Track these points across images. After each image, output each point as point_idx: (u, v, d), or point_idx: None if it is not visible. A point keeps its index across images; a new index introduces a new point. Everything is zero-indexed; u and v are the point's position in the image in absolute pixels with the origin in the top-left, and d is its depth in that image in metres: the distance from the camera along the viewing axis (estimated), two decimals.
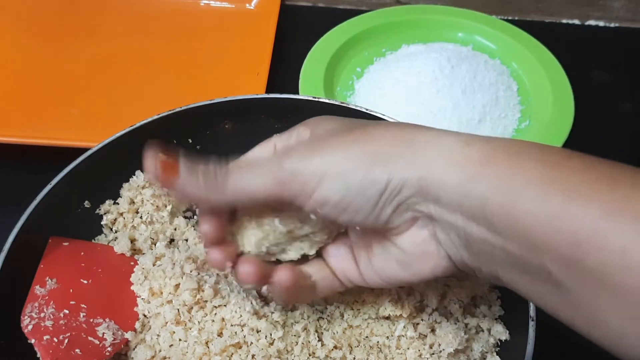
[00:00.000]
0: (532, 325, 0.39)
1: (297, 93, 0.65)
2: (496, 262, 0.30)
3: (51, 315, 0.39)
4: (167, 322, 0.41)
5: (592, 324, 0.27)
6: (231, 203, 0.35)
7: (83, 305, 0.41)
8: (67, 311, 0.40)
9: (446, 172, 0.29)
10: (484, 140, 0.30)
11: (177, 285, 0.42)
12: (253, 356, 0.40)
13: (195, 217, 0.53)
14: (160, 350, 0.41)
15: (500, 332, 0.43)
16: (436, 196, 0.30)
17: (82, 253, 0.45)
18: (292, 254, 0.38)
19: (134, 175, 0.50)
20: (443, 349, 0.41)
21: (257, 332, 0.40)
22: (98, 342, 0.40)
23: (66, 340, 0.38)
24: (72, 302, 0.41)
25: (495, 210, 0.28)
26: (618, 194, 0.25)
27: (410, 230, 0.33)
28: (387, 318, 0.42)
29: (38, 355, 0.37)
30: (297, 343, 0.41)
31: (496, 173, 0.28)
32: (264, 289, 0.45)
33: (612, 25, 0.81)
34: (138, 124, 0.49)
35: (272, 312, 0.41)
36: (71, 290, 0.42)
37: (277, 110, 0.52)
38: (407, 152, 0.30)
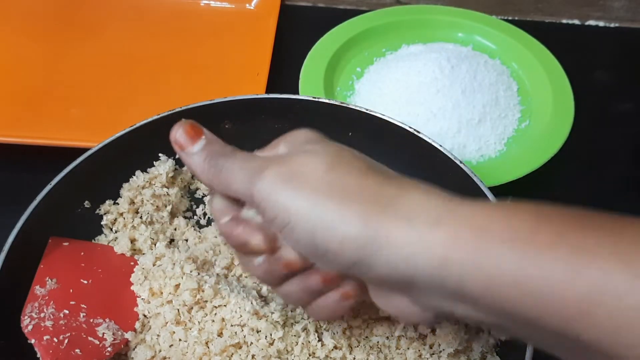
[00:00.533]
0: None
1: (297, 93, 0.65)
2: (492, 328, 0.30)
3: (51, 315, 0.39)
4: (167, 322, 0.42)
5: None
6: (214, 189, 0.35)
7: (83, 306, 0.41)
8: (67, 311, 0.40)
9: (418, 256, 0.28)
10: (450, 214, 0.29)
11: (177, 286, 0.42)
12: (253, 356, 0.40)
13: (195, 217, 0.53)
14: (160, 351, 0.41)
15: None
16: (409, 280, 0.29)
17: (82, 253, 0.45)
18: None
19: (134, 175, 0.50)
20: (443, 349, 0.41)
21: (257, 332, 0.40)
22: (98, 342, 0.40)
23: (66, 341, 0.38)
24: (72, 302, 0.41)
25: (476, 292, 0.27)
26: (598, 270, 0.24)
27: (390, 293, 0.32)
28: (387, 318, 0.42)
29: (38, 355, 0.38)
30: (297, 343, 0.41)
31: (469, 256, 0.27)
32: (265, 288, 0.45)
33: (612, 25, 0.81)
34: (138, 124, 0.49)
35: (272, 313, 0.41)
36: (71, 291, 0.42)
37: (277, 110, 0.52)
38: (379, 231, 0.29)
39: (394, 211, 0.29)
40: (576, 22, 0.81)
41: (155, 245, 0.48)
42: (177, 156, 0.52)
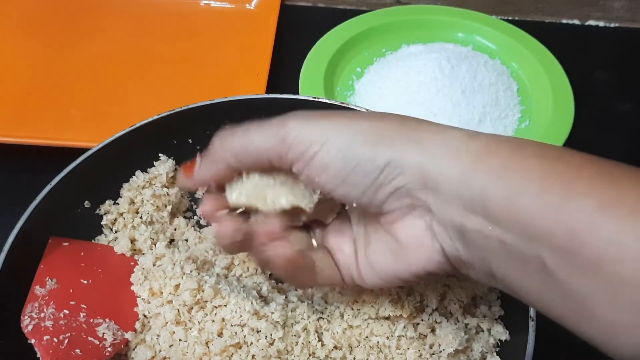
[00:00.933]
0: (532, 325, 0.39)
1: (297, 93, 0.65)
2: (491, 255, 0.30)
3: (51, 315, 0.39)
4: (167, 322, 0.41)
5: (584, 318, 0.27)
6: (237, 162, 0.35)
7: (83, 306, 0.41)
8: (67, 311, 0.40)
9: (447, 161, 0.30)
10: (488, 135, 0.30)
11: (177, 286, 0.42)
12: (253, 356, 0.40)
13: (195, 217, 0.53)
14: (160, 351, 0.41)
15: (500, 332, 0.43)
16: (435, 184, 0.30)
17: (82, 253, 0.45)
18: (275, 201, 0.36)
19: (134, 175, 0.50)
20: (443, 349, 0.41)
21: (257, 332, 0.40)
22: (98, 342, 0.40)
23: (66, 341, 0.38)
24: (72, 302, 0.41)
25: (495, 201, 0.28)
26: (615, 189, 0.26)
27: (405, 218, 0.33)
28: (387, 318, 0.42)
29: (38, 355, 0.37)
30: (297, 343, 0.41)
31: (497, 165, 0.29)
32: (265, 288, 0.45)
33: (612, 25, 0.81)
34: (138, 124, 0.50)
35: (272, 312, 0.41)
36: (71, 291, 0.42)
37: (277, 111, 0.51)
38: (412, 138, 0.31)
39: (427, 125, 0.32)
40: (576, 22, 0.81)
41: (155, 245, 0.48)
42: (177, 156, 0.52)
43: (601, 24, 0.81)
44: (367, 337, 0.42)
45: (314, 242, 0.39)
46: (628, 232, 0.25)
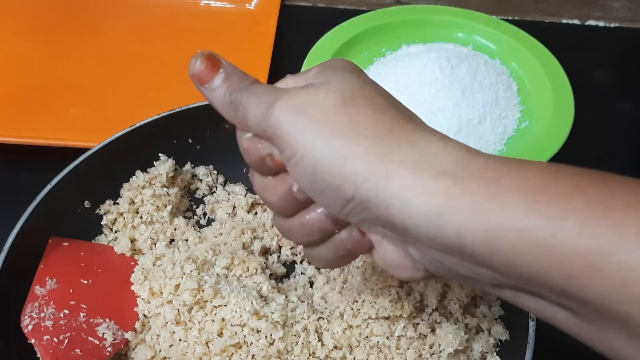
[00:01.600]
0: (532, 325, 0.39)
1: None
2: (486, 284, 0.29)
3: (51, 315, 0.39)
4: (167, 322, 0.42)
5: (598, 344, 0.26)
6: (235, 123, 0.34)
7: (83, 306, 0.41)
8: (67, 311, 0.40)
9: (416, 204, 0.27)
10: (462, 166, 0.27)
11: (177, 286, 0.42)
12: (253, 356, 0.40)
13: (195, 217, 0.53)
14: (160, 351, 0.41)
15: (500, 332, 0.43)
16: (403, 226, 0.28)
17: (82, 253, 0.45)
18: None
19: (134, 175, 0.50)
20: (443, 349, 0.41)
21: (257, 332, 0.40)
22: (98, 342, 0.40)
23: (66, 341, 0.38)
24: (72, 302, 0.41)
25: (474, 245, 0.26)
26: (612, 221, 0.23)
27: (382, 242, 0.31)
28: (387, 318, 0.42)
29: (38, 355, 0.38)
30: (297, 343, 0.41)
31: (472, 205, 0.26)
32: (265, 288, 0.45)
33: (612, 25, 0.80)
34: (138, 124, 0.50)
35: (272, 312, 0.41)
36: (71, 291, 0.42)
37: None
38: (380, 173, 0.28)
39: (402, 152, 0.28)
40: (576, 22, 0.81)
41: (155, 245, 0.48)
42: (177, 156, 0.52)
43: (601, 24, 0.81)
44: (367, 337, 0.42)
45: None
46: (633, 271, 0.22)
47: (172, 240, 0.50)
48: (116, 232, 0.49)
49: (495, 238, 0.25)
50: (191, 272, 0.43)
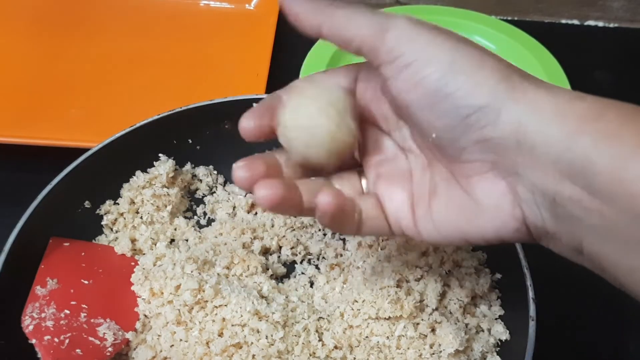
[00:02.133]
0: (532, 325, 0.39)
1: None
2: (586, 229, 0.27)
3: (52, 315, 0.39)
4: (167, 323, 0.42)
5: None
6: (321, 31, 0.32)
7: (84, 306, 0.41)
8: (67, 311, 0.40)
9: (551, 120, 0.27)
10: (596, 97, 0.27)
11: (178, 286, 0.42)
12: (253, 356, 0.40)
13: (195, 217, 0.53)
14: (161, 351, 0.41)
15: (501, 332, 0.43)
16: (532, 144, 0.27)
17: (83, 253, 0.45)
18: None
19: (134, 175, 0.50)
20: (443, 349, 0.41)
21: (258, 332, 0.40)
22: (99, 343, 0.40)
23: (67, 341, 0.38)
24: (72, 303, 0.41)
25: (601, 170, 0.25)
26: None
27: (486, 174, 0.30)
28: (387, 318, 0.42)
29: (39, 355, 0.38)
30: (297, 343, 0.41)
31: (607, 130, 0.25)
32: (265, 288, 0.45)
33: (612, 25, 0.81)
34: (138, 124, 0.50)
35: (273, 313, 0.41)
36: (72, 291, 0.42)
37: None
38: (518, 88, 0.28)
39: (534, 79, 0.28)
40: (576, 22, 0.81)
41: (155, 245, 0.48)
42: (177, 156, 0.52)
43: (600, 24, 0.81)
44: (367, 337, 0.42)
45: (364, 187, 0.36)
46: None
47: (172, 241, 0.50)
48: (116, 232, 0.49)
49: (623, 165, 0.25)
50: (192, 272, 0.43)
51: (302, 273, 0.49)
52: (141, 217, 0.49)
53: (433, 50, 0.29)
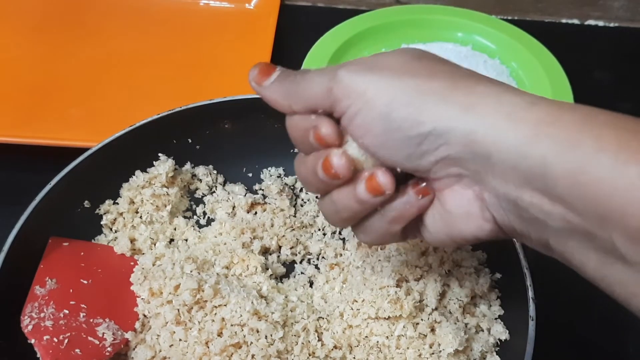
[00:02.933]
0: (532, 325, 0.39)
1: None
2: (550, 231, 0.28)
3: (51, 315, 0.39)
4: (167, 322, 0.42)
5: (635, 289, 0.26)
6: (292, 108, 0.34)
7: (83, 306, 0.41)
8: (67, 311, 0.40)
9: (504, 129, 0.27)
10: (550, 101, 0.28)
11: (177, 286, 0.42)
12: (253, 356, 0.40)
13: (194, 217, 0.53)
14: (160, 351, 0.41)
15: (500, 332, 0.43)
16: (487, 154, 0.28)
17: (82, 253, 0.45)
18: None
19: (134, 175, 0.50)
20: (443, 349, 0.41)
21: (257, 332, 0.40)
22: (98, 342, 0.40)
23: (66, 341, 0.39)
24: (72, 302, 0.41)
25: (558, 175, 0.26)
26: None
27: (453, 187, 0.31)
28: (387, 318, 0.42)
29: (38, 355, 0.38)
30: (296, 343, 0.41)
31: (563, 135, 0.26)
32: (264, 288, 0.45)
33: (612, 25, 0.81)
34: (138, 124, 0.50)
35: (272, 313, 0.41)
36: (71, 291, 0.42)
37: (276, 110, 0.52)
38: (463, 102, 0.28)
39: (485, 86, 0.29)
40: (576, 21, 0.81)
41: (155, 245, 0.48)
42: (176, 156, 0.52)
43: (601, 23, 0.81)
44: (366, 336, 0.42)
45: None
46: None
47: (171, 240, 0.50)
48: (116, 232, 0.49)
49: (583, 169, 0.25)
50: (191, 272, 0.43)
51: (302, 273, 0.49)
52: (140, 217, 0.49)
53: (372, 93, 0.30)
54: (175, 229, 0.50)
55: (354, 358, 0.42)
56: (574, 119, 0.26)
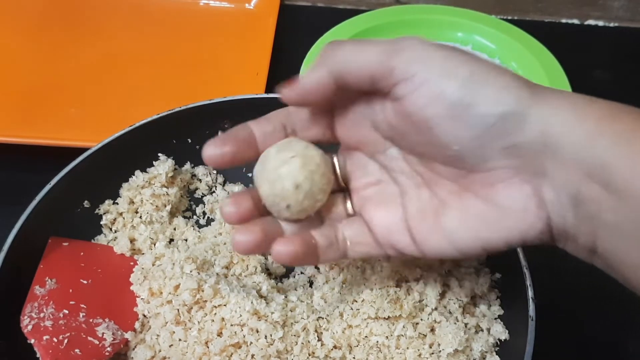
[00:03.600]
0: (531, 325, 0.39)
1: None
2: (603, 228, 0.28)
3: (51, 315, 0.39)
4: (166, 322, 0.42)
5: None
6: (341, 75, 0.31)
7: (83, 306, 0.41)
8: (66, 311, 0.40)
9: (572, 122, 0.28)
10: (607, 101, 0.28)
11: (177, 286, 0.42)
12: (252, 356, 0.40)
13: (194, 217, 0.53)
14: (160, 351, 0.41)
15: (500, 332, 0.43)
16: (556, 146, 0.28)
17: (82, 253, 0.45)
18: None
19: (134, 175, 0.50)
20: (443, 349, 0.41)
21: (257, 332, 0.40)
22: (98, 342, 0.40)
23: (66, 340, 0.39)
24: (71, 302, 0.41)
25: (618, 170, 0.26)
26: None
27: (511, 180, 0.30)
28: (387, 318, 0.42)
29: (38, 355, 0.38)
30: (296, 343, 0.41)
31: (623, 131, 0.27)
32: (264, 288, 0.45)
33: (612, 24, 0.81)
34: (138, 124, 0.50)
35: (272, 312, 0.41)
36: (71, 291, 0.42)
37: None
38: (538, 93, 0.29)
39: (548, 87, 0.30)
40: (576, 21, 0.81)
41: (154, 245, 0.48)
42: (176, 156, 0.52)
43: (600, 23, 0.81)
44: (366, 336, 0.42)
45: (349, 208, 0.37)
46: None
47: (171, 240, 0.50)
48: (115, 232, 0.49)
49: (637, 166, 0.26)
50: (191, 272, 0.43)
51: (302, 273, 0.49)
52: (140, 217, 0.49)
53: (450, 64, 0.29)
54: (175, 229, 0.50)
55: (354, 358, 0.42)
56: (631, 117, 0.27)
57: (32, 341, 0.38)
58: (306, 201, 0.34)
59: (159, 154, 0.51)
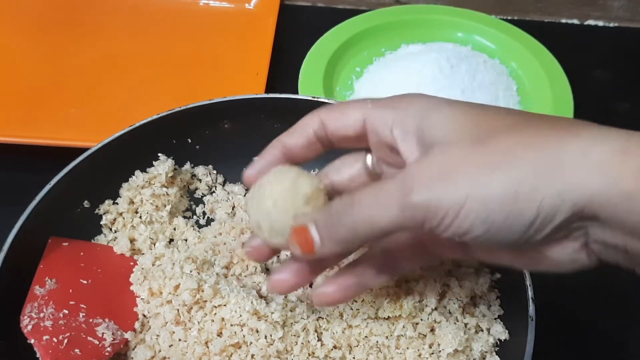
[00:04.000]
0: (531, 325, 0.39)
1: (297, 93, 0.65)
2: None
3: (51, 315, 0.39)
4: (166, 322, 0.42)
5: None
6: (360, 240, 0.31)
7: (82, 306, 0.41)
8: (66, 311, 0.40)
9: (603, 189, 0.26)
10: (637, 143, 0.27)
11: (177, 286, 0.42)
12: (252, 356, 0.40)
13: (194, 217, 0.53)
14: (159, 351, 0.41)
15: (500, 332, 0.43)
16: (593, 215, 0.27)
17: (82, 253, 0.45)
18: None
19: (134, 175, 0.50)
20: (442, 349, 0.41)
21: (257, 332, 0.40)
22: (97, 342, 0.40)
23: (66, 340, 0.38)
24: (71, 302, 0.41)
25: None
26: None
27: (559, 243, 0.30)
28: (387, 318, 0.42)
29: (37, 355, 0.38)
30: (296, 343, 0.41)
31: None
32: (264, 288, 0.45)
33: (612, 25, 0.81)
34: (138, 124, 0.50)
35: (272, 312, 0.41)
36: (71, 291, 0.42)
37: (276, 110, 0.52)
38: (555, 178, 0.27)
39: (568, 144, 0.27)
40: (576, 21, 0.81)
41: (154, 245, 0.48)
42: (176, 156, 0.52)
43: (600, 23, 0.81)
44: (366, 336, 0.42)
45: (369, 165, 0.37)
46: None
47: (171, 240, 0.50)
48: (115, 232, 0.49)
49: None
50: (191, 272, 0.43)
51: None
52: (140, 217, 0.49)
53: (467, 198, 0.28)
54: (174, 229, 0.50)
55: (354, 358, 0.42)
56: None
57: (32, 341, 0.38)
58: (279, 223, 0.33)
59: (159, 154, 0.51)
